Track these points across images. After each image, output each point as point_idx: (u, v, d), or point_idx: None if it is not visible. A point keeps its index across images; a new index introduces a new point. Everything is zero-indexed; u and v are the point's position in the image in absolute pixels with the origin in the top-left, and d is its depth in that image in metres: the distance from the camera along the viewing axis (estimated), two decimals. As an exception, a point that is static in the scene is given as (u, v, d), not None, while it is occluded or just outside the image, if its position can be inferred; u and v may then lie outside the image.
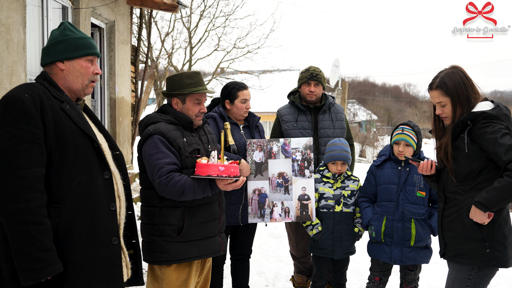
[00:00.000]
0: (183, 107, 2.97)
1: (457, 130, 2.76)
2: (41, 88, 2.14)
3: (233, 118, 3.75)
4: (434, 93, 2.82)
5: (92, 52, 2.29)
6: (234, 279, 3.89)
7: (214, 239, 2.98)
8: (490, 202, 2.59)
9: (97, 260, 2.15)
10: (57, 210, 2.07)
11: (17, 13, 4.84)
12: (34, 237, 1.95)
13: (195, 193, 2.73)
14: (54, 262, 1.99)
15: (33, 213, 1.96)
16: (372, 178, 3.69)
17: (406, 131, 3.51)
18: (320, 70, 4.16)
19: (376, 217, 3.58)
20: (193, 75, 2.99)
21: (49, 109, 2.09)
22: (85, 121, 2.23)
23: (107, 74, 7.76)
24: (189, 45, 18.42)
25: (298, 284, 4.40)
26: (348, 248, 3.74)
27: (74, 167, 2.11)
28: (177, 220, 2.82)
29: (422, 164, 2.96)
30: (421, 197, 3.49)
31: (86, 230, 2.12)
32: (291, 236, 4.32)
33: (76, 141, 2.13)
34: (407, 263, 3.53)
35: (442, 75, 2.81)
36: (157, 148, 2.77)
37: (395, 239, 3.50)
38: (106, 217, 2.20)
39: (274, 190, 3.62)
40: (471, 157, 2.71)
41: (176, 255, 2.81)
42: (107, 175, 2.22)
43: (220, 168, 2.72)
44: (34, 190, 1.98)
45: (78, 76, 2.25)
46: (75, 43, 2.24)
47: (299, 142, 3.67)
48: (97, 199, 2.17)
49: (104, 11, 7.23)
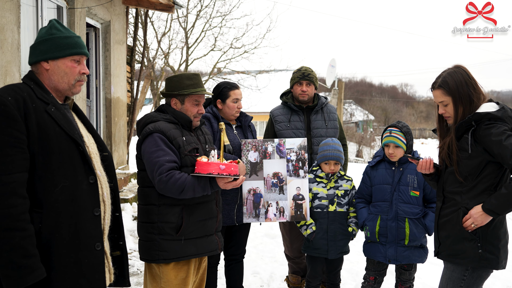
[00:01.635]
0: (182, 107, 2.99)
1: (461, 130, 2.74)
2: (25, 90, 2.10)
3: (225, 118, 3.75)
4: (437, 92, 2.80)
5: (78, 52, 2.24)
6: (229, 280, 3.89)
7: (212, 237, 2.99)
8: (500, 208, 2.59)
9: (80, 266, 2.13)
10: (39, 215, 2.04)
11: (11, 13, 4.83)
12: (17, 244, 1.92)
13: (195, 191, 2.74)
14: (37, 268, 1.97)
15: (16, 219, 1.93)
16: (367, 179, 3.71)
17: (394, 133, 3.53)
18: (311, 70, 4.17)
19: (371, 217, 3.59)
20: (192, 76, 3.02)
21: (33, 112, 2.05)
22: (71, 124, 2.19)
23: (102, 74, 7.74)
24: (185, 45, 18.42)
25: (292, 285, 4.41)
26: (342, 248, 3.74)
27: (58, 171, 2.08)
28: (176, 218, 2.83)
29: (421, 162, 2.94)
30: (415, 197, 3.50)
31: (69, 235, 2.10)
32: (285, 236, 4.33)
33: (60, 145, 2.09)
34: (402, 262, 3.54)
35: (445, 74, 2.79)
36: (157, 146, 2.78)
37: (390, 238, 3.51)
38: (90, 222, 2.17)
39: (269, 190, 3.63)
40: (473, 158, 2.69)
41: (174, 254, 2.82)
42: (92, 180, 2.19)
43: (221, 166, 2.74)
44: (17, 196, 1.95)
45: (63, 76, 2.21)
46: (60, 42, 2.20)
47: (293, 143, 3.68)
48: (81, 204, 2.14)
49: (100, 11, 7.21)
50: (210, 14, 17.67)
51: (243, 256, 3.91)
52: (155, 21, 17.91)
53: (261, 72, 19.74)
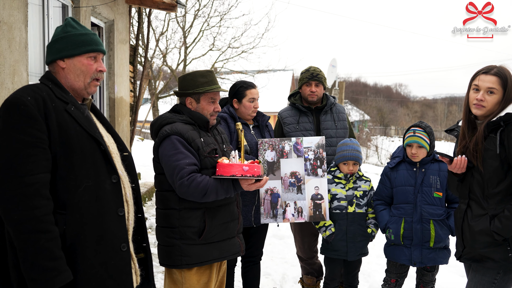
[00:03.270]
0: (198, 106, 2.90)
1: (488, 130, 2.63)
2: (44, 90, 2.06)
3: (241, 118, 3.69)
4: (491, 78, 2.66)
5: (94, 49, 2.17)
6: (245, 281, 3.84)
7: (234, 240, 2.93)
8: (505, 232, 2.55)
9: (107, 268, 2.07)
10: (63, 216, 1.99)
11: (19, 11, 4.74)
12: (43, 246, 1.88)
13: (218, 193, 2.67)
14: (64, 270, 1.92)
15: (41, 221, 1.88)
16: (387, 181, 3.64)
17: (418, 132, 3.46)
18: (320, 70, 4.12)
19: (394, 219, 3.53)
20: (206, 73, 2.92)
21: (53, 111, 2.00)
22: (91, 123, 2.15)
23: (106, 73, 7.66)
24: (183, 44, 18.33)
25: (307, 286, 4.35)
26: (361, 249, 3.70)
27: (80, 171, 2.03)
28: (198, 222, 2.75)
29: (456, 161, 2.76)
30: (438, 198, 3.45)
31: (94, 236, 2.04)
32: (297, 237, 4.28)
33: (82, 144, 2.05)
34: (427, 264, 3.50)
35: (500, 67, 2.69)
36: (176, 149, 2.69)
37: (415, 241, 3.46)
38: (115, 222, 2.12)
39: (286, 189, 3.58)
40: (498, 159, 2.60)
41: (197, 258, 2.75)
42: (114, 179, 2.14)
43: (245, 168, 2.66)
44: (41, 197, 1.90)
45: (79, 74, 2.15)
46: (76, 40, 2.14)
47: (311, 141, 3.63)
48: (104, 204, 2.08)
49: (104, 10, 7.13)
50: (208, 13, 17.62)
51: (260, 258, 3.86)
52: (153, 20, 17.82)
53: (259, 72, 19.66)
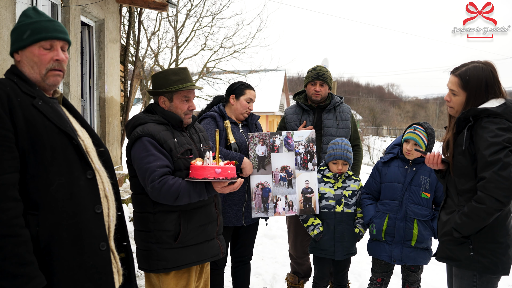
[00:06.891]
0: (171, 105, 2.80)
1: (461, 126, 2.57)
2: (9, 85, 1.92)
3: (233, 117, 3.69)
4: (453, 78, 2.62)
5: (46, 36, 1.98)
6: (235, 281, 3.82)
7: (213, 242, 2.85)
8: (464, 229, 2.50)
9: (85, 269, 1.96)
10: (36, 217, 1.87)
11: (7, 10, 4.71)
12: (11, 251, 1.75)
13: (191, 197, 2.58)
14: (35, 276, 1.80)
15: (8, 225, 1.76)
16: (377, 175, 3.64)
17: (418, 131, 3.43)
18: (326, 70, 4.13)
19: (379, 214, 3.53)
20: (179, 71, 2.81)
21: (19, 107, 1.88)
22: (62, 117, 2.00)
23: (96, 73, 7.62)
24: (175, 44, 18.26)
25: (290, 284, 4.38)
26: (349, 249, 3.70)
27: (51, 168, 1.90)
28: (173, 225, 2.66)
29: (429, 156, 2.78)
30: (425, 199, 3.44)
31: (70, 236, 1.92)
32: (291, 234, 4.29)
33: (52, 140, 1.92)
34: (407, 263, 3.50)
35: (470, 67, 2.58)
36: (147, 151, 2.60)
37: (396, 238, 3.46)
38: (92, 221, 1.99)
39: (277, 184, 3.60)
40: (466, 155, 2.53)
41: (174, 262, 2.67)
42: (89, 175, 2.01)
43: (217, 170, 2.55)
44: (7, 199, 1.78)
45: (33, 65, 1.99)
46: (25, 29, 1.97)
47: (301, 135, 3.64)
48: (80, 202, 1.96)
49: (94, 9, 7.09)
50: (200, 13, 17.57)
51: (250, 258, 3.85)
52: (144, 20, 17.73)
53: (251, 71, 19.62)
